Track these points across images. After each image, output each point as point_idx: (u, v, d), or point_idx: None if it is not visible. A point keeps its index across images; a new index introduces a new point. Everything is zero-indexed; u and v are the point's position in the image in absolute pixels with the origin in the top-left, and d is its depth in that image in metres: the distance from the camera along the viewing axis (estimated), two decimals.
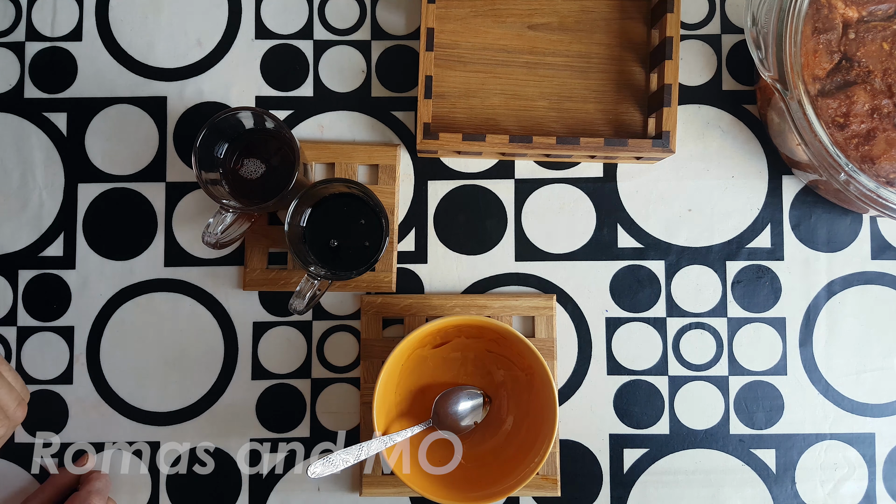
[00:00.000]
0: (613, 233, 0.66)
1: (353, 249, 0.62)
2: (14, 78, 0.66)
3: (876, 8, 0.58)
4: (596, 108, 0.65)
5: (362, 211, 0.62)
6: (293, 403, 0.65)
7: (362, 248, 0.61)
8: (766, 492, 0.64)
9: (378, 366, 0.63)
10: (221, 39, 0.67)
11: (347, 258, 0.61)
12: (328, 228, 0.62)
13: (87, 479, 0.62)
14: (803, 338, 0.65)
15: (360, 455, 0.56)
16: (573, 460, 0.64)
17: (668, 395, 0.65)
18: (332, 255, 0.61)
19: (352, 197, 0.62)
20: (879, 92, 0.57)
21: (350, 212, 0.62)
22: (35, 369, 0.65)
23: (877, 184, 0.55)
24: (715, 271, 0.65)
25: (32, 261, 0.65)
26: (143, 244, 0.65)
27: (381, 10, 0.67)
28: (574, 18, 0.66)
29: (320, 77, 0.66)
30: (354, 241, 0.62)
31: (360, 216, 0.62)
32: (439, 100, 0.65)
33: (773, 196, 0.66)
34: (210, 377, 0.65)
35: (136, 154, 0.66)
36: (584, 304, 0.65)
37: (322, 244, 0.62)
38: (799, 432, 0.65)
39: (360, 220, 0.62)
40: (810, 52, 0.57)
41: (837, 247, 0.66)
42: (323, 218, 0.62)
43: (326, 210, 0.62)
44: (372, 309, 0.64)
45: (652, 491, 0.64)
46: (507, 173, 0.66)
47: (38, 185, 0.66)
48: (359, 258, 0.61)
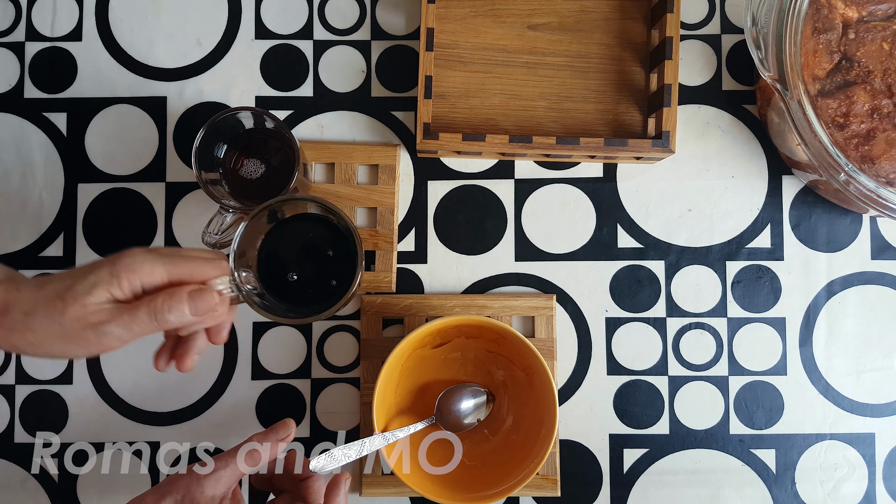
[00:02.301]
0: (613, 233, 0.66)
1: (315, 286, 0.54)
2: (14, 78, 0.66)
3: (876, 8, 0.58)
4: (596, 109, 0.65)
5: (331, 238, 0.54)
6: (293, 403, 0.65)
7: (326, 286, 0.54)
8: (765, 492, 0.64)
9: (378, 366, 0.62)
10: (221, 39, 0.67)
11: (306, 295, 0.53)
12: (287, 257, 0.54)
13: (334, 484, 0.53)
14: (803, 338, 0.65)
15: (363, 451, 0.56)
16: (573, 460, 0.64)
17: (668, 395, 0.65)
18: (289, 290, 0.54)
19: (319, 220, 0.54)
20: (879, 92, 0.57)
21: (315, 238, 0.54)
22: (35, 369, 0.65)
23: (877, 184, 0.55)
24: (715, 271, 0.65)
25: (32, 261, 0.65)
26: (142, 244, 0.65)
27: (380, 10, 0.67)
28: (574, 18, 0.66)
29: (320, 77, 0.66)
30: (319, 275, 0.54)
31: (328, 245, 0.54)
32: (439, 100, 0.65)
33: (773, 196, 0.66)
34: (210, 377, 0.65)
35: (136, 154, 0.66)
36: (584, 304, 0.65)
37: (278, 276, 0.53)
38: (799, 432, 0.65)
39: (328, 251, 0.54)
40: (810, 52, 0.57)
41: (837, 247, 0.66)
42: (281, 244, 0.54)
43: (287, 234, 0.54)
44: (372, 309, 0.64)
45: (652, 491, 0.64)
46: (507, 173, 0.66)
47: (38, 185, 0.66)
48: (321, 295, 0.53)
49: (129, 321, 0.44)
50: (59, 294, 0.44)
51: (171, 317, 0.45)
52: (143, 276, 0.45)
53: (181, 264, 0.46)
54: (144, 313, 0.44)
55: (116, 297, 0.44)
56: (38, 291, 0.44)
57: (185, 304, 0.45)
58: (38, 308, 0.44)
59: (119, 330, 0.44)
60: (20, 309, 0.44)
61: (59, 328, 0.43)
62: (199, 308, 0.46)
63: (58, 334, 0.44)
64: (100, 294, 0.44)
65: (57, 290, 0.44)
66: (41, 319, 0.44)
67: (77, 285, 0.44)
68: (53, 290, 0.44)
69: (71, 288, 0.44)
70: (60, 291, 0.44)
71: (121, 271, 0.44)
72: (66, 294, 0.43)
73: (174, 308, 0.45)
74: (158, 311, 0.44)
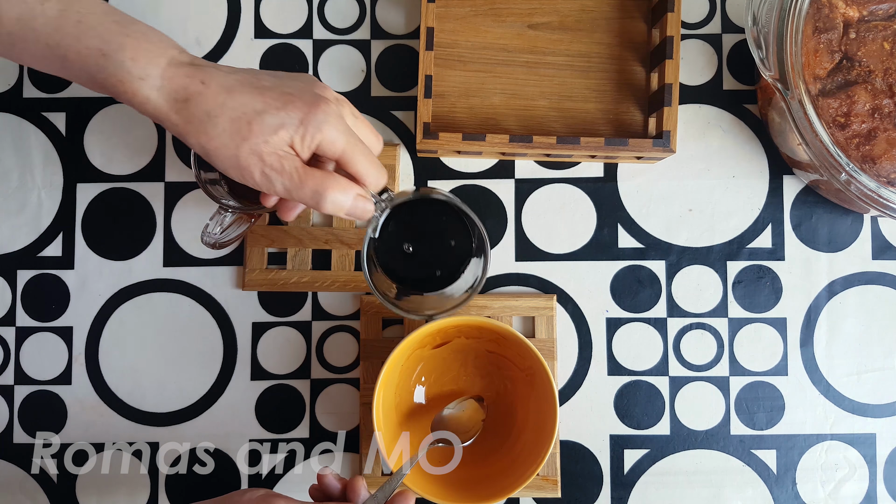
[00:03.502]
0: (614, 233, 0.66)
1: (433, 254, 0.52)
2: (13, 77, 0.66)
3: (877, 7, 0.58)
4: (596, 108, 0.65)
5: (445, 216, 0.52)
6: (293, 404, 0.65)
7: (446, 249, 0.52)
8: (766, 492, 0.64)
9: (378, 366, 0.62)
10: (220, 39, 0.66)
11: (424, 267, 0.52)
12: (403, 233, 0.52)
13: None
14: (804, 338, 0.65)
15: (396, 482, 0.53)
16: (573, 461, 0.64)
17: (668, 395, 0.65)
18: (404, 262, 0.52)
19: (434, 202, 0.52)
20: (880, 91, 0.57)
21: (431, 216, 0.52)
22: (34, 369, 0.65)
23: (878, 184, 0.55)
24: (716, 271, 0.65)
25: (31, 261, 0.65)
26: (141, 244, 0.65)
27: (380, 9, 0.67)
28: (574, 18, 0.65)
29: (320, 76, 0.66)
30: (435, 242, 0.52)
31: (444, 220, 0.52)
32: (439, 99, 0.65)
33: (774, 196, 0.66)
34: (209, 377, 0.65)
35: (135, 154, 0.66)
36: (585, 304, 0.65)
37: (393, 250, 0.52)
38: (800, 433, 0.64)
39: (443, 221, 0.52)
40: (811, 52, 0.57)
41: (838, 247, 0.65)
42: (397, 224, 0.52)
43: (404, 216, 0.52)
44: (372, 309, 0.64)
45: (652, 492, 0.64)
46: (507, 173, 0.66)
47: (37, 184, 0.66)
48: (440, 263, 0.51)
49: (293, 185, 0.44)
50: (247, 117, 0.42)
51: (329, 207, 0.45)
52: (325, 142, 0.44)
53: (357, 157, 0.45)
54: (310, 189, 0.44)
55: (293, 146, 0.44)
56: (226, 96, 0.43)
57: (347, 205, 0.45)
58: (221, 117, 0.42)
59: (281, 186, 0.44)
60: (202, 106, 0.42)
61: (233, 149, 0.43)
62: (355, 213, 0.46)
63: (229, 153, 0.43)
64: (282, 137, 0.43)
65: (247, 110, 0.42)
66: (220, 132, 0.42)
67: (267, 116, 0.42)
68: (243, 107, 0.42)
69: (261, 116, 0.42)
70: (250, 115, 0.42)
71: (309, 125, 0.43)
72: (254, 120, 0.42)
73: (338, 203, 0.45)
74: (323, 198, 0.44)
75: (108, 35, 0.43)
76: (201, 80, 0.43)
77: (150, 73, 0.42)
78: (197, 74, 0.43)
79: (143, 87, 0.42)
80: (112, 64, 0.42)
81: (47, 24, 0.42)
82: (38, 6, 0.42)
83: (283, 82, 0.45)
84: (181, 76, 0.43)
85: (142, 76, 0.42)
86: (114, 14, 0.44)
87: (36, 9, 0.42)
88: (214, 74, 0.44)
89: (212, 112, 0.42)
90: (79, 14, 0.42)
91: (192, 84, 0.43)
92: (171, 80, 0.43)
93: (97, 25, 0.43)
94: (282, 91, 0.44)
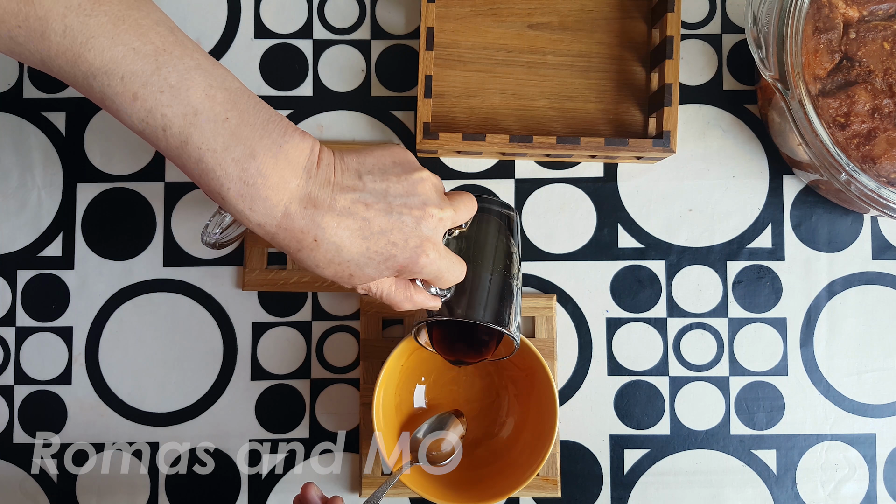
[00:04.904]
0: (614, 233, 0.66)
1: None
2: (13, 77, 0.66)
3: (877, 7, 0.58)
4: (596, 108, 0.65)
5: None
6: (293, 404, 0.65)
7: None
8: (766, 492, 0.64)
9: (378, 366, 0.62)
10: (220, 38, 0.66)
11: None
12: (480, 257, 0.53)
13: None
14: (804, 338, 0.65)
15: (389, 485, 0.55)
16: (573, 461, 0.64)
17: (668, 395, 0.65)
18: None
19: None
20: (880, 91, 0.57)
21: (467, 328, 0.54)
22: (34, 370, 0.65)
23: (878, 184, 0.55)
24: (716, 271, 0.65)
25: (31, 261, 0.65)
26: (141, 244, 0.65)
27: (380, 9, 0.67)
28: (574, 18, 0.65)
29: (320, 76, 0.66)
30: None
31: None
32: (439, 99, 0.65)
33: (774, 196, 0.66)
34: (209, 377, 0.65)
35: (135, 154, 0.66)
36: (585, 304, 0.65)
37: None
38: (800, 433, 0.64)
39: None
40: (811, 52, 0.57)
41: (838, 247, 0.65)
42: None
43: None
44: (372, 309, 0.64)
45: (652, 492, 0.64)
46: (507, 173, 0.66)
47: (37, 184, 0.66)
48: None
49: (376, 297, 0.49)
50: (350, 270, 0.45)
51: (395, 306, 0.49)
52: (417, 276, 0.47)
53: (441, 279, 0.48)
54: (390, 303, 0.49)
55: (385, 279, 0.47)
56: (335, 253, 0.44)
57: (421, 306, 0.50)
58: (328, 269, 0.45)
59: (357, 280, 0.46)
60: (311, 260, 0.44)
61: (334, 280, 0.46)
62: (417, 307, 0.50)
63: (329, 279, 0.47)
64: (378, 282, 0.47)
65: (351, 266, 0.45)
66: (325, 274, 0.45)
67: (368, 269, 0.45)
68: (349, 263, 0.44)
69: (362, 269, 0.45)
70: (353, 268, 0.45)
71: (405, 272, 0.46)
72: (355, 273, 0.45)
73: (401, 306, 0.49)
74: (400, 308, 0.49)
75: (226, 180, 0.41)
76: (314, 237, 0.43)
77: (265, 221, 0.43)
78: (311, 230, 0.43)
79: (259, 230, 0.43)
80: (230, 207, 0.42)
81: (169, 151, 0.41)
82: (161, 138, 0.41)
83: (393, 223, 0.44)
84: (296, 231, 0.43)
85: (260, 223, 0.43)
86: (233, 150, 0.41)
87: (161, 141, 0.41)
88: (328, 225, 0.43)
89: (320, 264, 0.44)
90: (199, 151, 0.41)
91: (305, 239, 0.43)
92: (285, 232, 0.43)
93: (216, 167, 0.41)
94: (388, 241, 0.44)
